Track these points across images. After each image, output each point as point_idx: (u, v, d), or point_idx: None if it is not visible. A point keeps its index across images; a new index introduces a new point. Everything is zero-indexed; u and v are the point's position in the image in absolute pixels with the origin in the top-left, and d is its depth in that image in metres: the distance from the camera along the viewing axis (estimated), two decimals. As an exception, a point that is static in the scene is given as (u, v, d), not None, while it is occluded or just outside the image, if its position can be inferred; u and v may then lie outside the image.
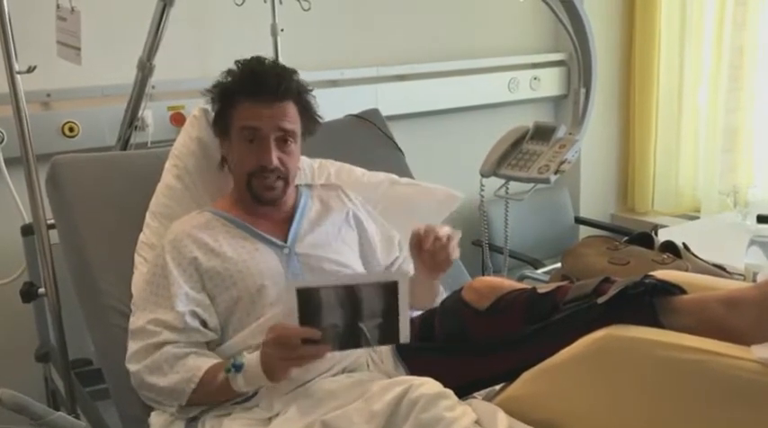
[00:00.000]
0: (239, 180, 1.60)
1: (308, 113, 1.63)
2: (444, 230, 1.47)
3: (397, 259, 1.75)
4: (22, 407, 1.21)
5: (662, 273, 1.19)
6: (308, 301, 1.20)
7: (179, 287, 1.47)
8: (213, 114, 1.64)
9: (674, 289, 1.12)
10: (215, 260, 1.51)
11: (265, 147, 1.54)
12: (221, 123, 1.61)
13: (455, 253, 1.48)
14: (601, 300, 1.13)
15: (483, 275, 1.85)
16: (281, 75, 1.57)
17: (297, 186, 1.75)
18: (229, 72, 1.60)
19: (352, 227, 1.71)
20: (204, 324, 1.48)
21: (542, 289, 1.25)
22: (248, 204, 1.62)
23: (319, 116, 1.67)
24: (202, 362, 1.41)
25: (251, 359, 1.33)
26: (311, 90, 1.65)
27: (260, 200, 1.58)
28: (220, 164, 1.69)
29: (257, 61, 1.60)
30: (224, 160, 1.67)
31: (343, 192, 1.76)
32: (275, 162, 1.54)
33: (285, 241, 1.59)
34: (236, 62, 1.60)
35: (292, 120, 1.57)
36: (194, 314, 1.46)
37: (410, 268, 1.73)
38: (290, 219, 1.64)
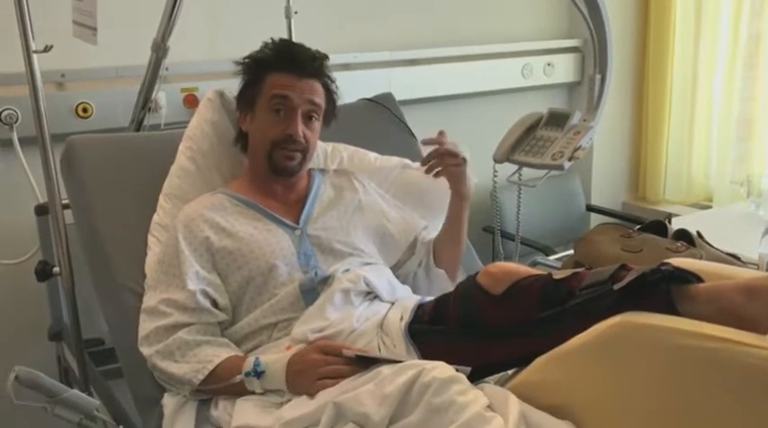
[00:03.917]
0: (260, 150, 1.61)
1: (331, 99, 1.66)
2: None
3: (417, 238, 1.76)
4: (37, 385, 1.22)
5: (678, 261, 1.18)
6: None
7: (190, 266, 1.48)
8: (241, 86, 1.65)
9: (690, 276, 1.12)
10: (227, 240, 1.52)
11: (293, 118, 1.57)
12: (248, 94, 1.63)
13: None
14: (617, 287, 1.12)
15: (494, 261, 1.85)
16: (316, 53, 1.63)
17: (309, 170, 1.76)
18: (265, 46, 1.63)
19: (365, 212, 1.71)
20: (215, 304, 1.49)
21: (558, 275, 1.25)
22: (263, 182, 1.63)
23: (337, 107, 1.71)
24: (215, 354, 1.42)
25: (273, 365, 1.36)
26: (335, 80, 1.69)
27: (278, 170, 1.60)
28: (235, 141, 1.70)
29: (290, 41, 1.66)
30: (239, 137, 1.67)
31: (355, 178, 1.77)
32: (302, 134, 1.57)
33: (297, 223, 1.60)
34: (267, 42, 1.64)
35: (320, 97, 1.62)
36: (205, 293, 1.48)
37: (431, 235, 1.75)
38: (302, 202, 1.65)
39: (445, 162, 1.63)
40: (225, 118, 1.77)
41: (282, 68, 1.58)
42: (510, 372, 1.30)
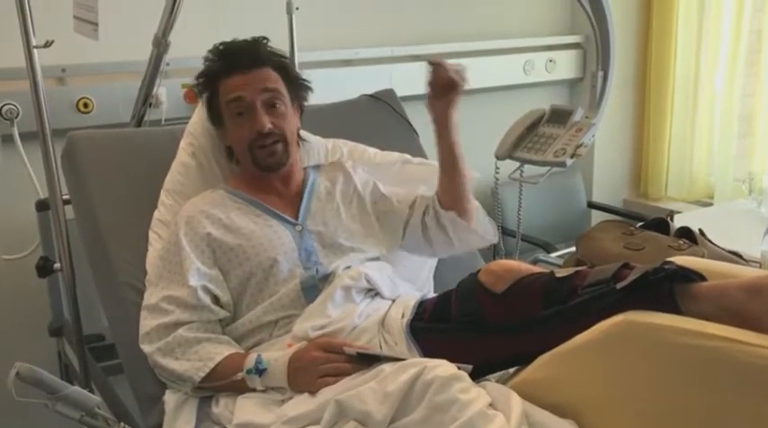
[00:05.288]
0: (243, 156, 1.61)
1: (290, 76, 1.64)
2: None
3: (416, 199, 1.73)
4: (38, 381, 1.22)
5: (680, 260, 1.18)
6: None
7: (191, 262, 1.48)
8: (205, 105, 1.66)
9: (693, 275, 1.12)
10: (228, 235, 1.52)
11: (255, 114, 1.56)
12: (213, 110, 1.63)
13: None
14: (620, 286, 1.12)
15: (494, 258, 1.85)
16: (251, 44, 1.61)
17: (305, 167, 1.75)
18: (208, 57, 1.63)
19: (362, 197, 1.70)
20: (216, 300, 1.49)
21: (560, 273, 1.25)
22: (259, 179, 1.62)
23: (305, 80, 1.70)
24: (216, 352, 1.42)
25: (274, 363, 1.36)
26: (286, 57, 1.69)
27: (266, 167, 1.60)
28: (228, 157, 1.70)
29: (228, 42, 1.64)
30: (230, 150, 1.67)
31: (349, 167, 1.76)
32: (268, 125, 1.56)
33: (296, 218, 1.60)
34: (208, 51, 1.64)
35: (273, 81, 1.59)
36: (206, 289, 1.47)
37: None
38: (299, 197, 1.65)
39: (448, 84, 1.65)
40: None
41: (229, 72, 1.58)
42: (512, 370, 1.30)
